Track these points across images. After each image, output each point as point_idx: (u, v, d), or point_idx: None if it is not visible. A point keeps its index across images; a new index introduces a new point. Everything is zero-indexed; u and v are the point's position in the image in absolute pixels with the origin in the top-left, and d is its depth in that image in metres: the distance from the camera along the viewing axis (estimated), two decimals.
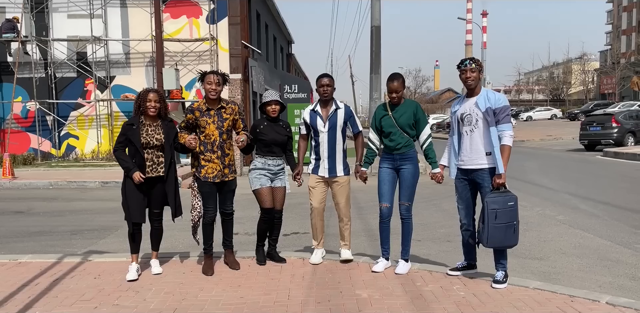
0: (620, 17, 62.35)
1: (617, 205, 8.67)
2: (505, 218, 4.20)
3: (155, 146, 4.68)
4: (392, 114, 4.75)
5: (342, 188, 5.02)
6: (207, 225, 4.88)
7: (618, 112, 22.42)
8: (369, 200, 5.06)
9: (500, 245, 4.27)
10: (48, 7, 16.79)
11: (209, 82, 4.73)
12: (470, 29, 75.14)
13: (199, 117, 4.75)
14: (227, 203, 4.93)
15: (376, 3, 16.41)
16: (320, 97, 5.00)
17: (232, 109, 4.88)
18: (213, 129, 4.74)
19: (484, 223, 4.19)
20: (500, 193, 4.25)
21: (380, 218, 4.85)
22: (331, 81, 4.97)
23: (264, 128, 5.02)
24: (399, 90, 4.68)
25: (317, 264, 5.05)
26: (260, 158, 5.06)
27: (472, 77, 4.33)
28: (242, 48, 16.47)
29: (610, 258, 5.66)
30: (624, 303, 3.85)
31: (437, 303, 3.96)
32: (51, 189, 12.14)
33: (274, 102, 5.03)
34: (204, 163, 4.78)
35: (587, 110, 38.81)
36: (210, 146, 4.77)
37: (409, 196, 4.77)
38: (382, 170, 4.86)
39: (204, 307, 3.96)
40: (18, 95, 16.76)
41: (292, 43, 32.43)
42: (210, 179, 4.78)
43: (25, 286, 4.53)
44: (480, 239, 4.29)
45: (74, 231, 7.46)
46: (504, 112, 4.27)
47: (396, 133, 4.73)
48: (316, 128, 4.96)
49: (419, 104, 4.89)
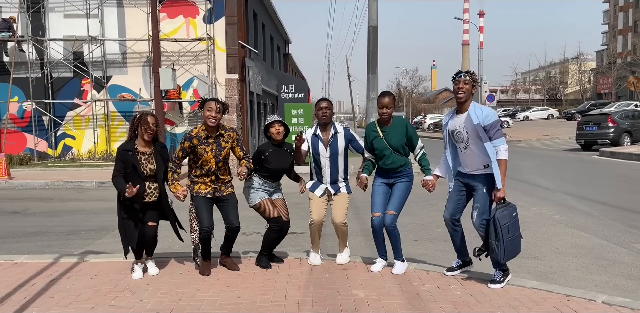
0: (616, 17, 62.54)
1: (614, 204, 8.69)
2: (514, 229, 4.23)
3: (149, 175, 4.66)
4: (383, 136, 4.77)
5: (342, 202, 5.00)
6: (204, 240, 4.79)
7: (614, 112, 22.49)
8: (366, 200, 5.06)
9: (514, 256, 4.28)
10: (44, 6, 16.75)
11: (209, 109, 4.64)
12: (467, 29, 75.35)
13: (197, 145, 4.68)
14: (230, 218, 4.80)
15: (373, 3, 16.42)
16: (319, 121, 5.00)
17: (230, 136, 4.81)
18: (210, 157, 4.69)
19: (499, 240, 4.15)
20: (504, 206, 4.24)
21: (373, 227, 4.85)
22: (330, 105, 4.97)
23: (269, 154, 4.97)
24: (390, 106, 4.72)
25: (318, 265, 5.05)
26: (258, 179, 5.01)
27: (464, 89, 4.29)
28: (239, 48, 16.45)
29: (606, 257, 5.68)
30: (620, 302, 3.86)
31: (434, 303, 3.96)
32: (47, 190, 12.11)
33: (277, 123, 4.99)
34: (197, 182, 4.77)
35: (584, 110, 38.94)
36: (205, 171, 4.73)
37: (397, 206, 4.76)
38: (377, 184, 4.90)
39: (201, 307, 3.96)
40: (14, 95, 16.71)
41: (289, 43, 32.42)
42: (202, 194, 4.75)
43: (22, 286, 4.52)
44: (496, 257, 4.24)
45: (71, 232, 7.44)
46: (495, 127, 4.25)
47: (390, 155, 4.75)
48: (318, 153, 4.95)
49: (408, 122, 4.93)
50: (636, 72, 43.81)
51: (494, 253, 4.22)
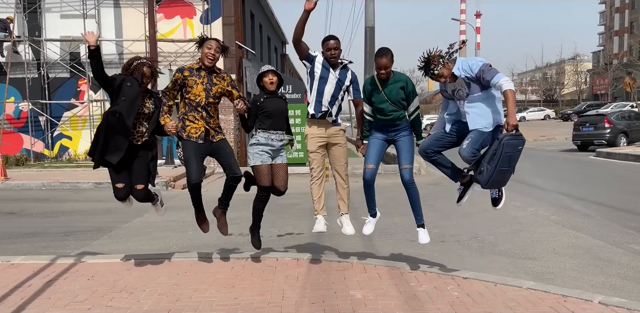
0: (612, 18, 62.74)
1: (610, 205, 8.71)
2: (512, 162, 4.07)
3: (144, 114, 4.52)
4: (382, 89, 4.64)
5: (342, 150, 4.94)
6: (192, 190, 4.65)
7: (611, 112, 22.55)
8: (362, 201, 5.06)
9: (496, 187, 4.12)
10: (41, 7, 16.72)
11: (209, 46, 4.54)
12: (464, 29, 75.35)
13: (188, 76, 4.58)
14: (233, 168, 4.69)
15: (370, 4, 16.43)
16: (327, 61, 4.83)
17: (224, 78, 4.70)
18: (200, 90, 4.57)
19: (492, 165, 3.99)
20: (515, 136, 4.07)
21: (364, 182, 4.78)
22: (338, 44, 4.79)
23: (264, 101, 4.87)
24: (388, 66, 4.57)
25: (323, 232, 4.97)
26: (262, 133, 4.88)
27: (444, 77, 4.28)
28: (236, 48, 16.46)
29: (603, 258, 5.69)
30: (617, 302, 3.87)
31: (431, 304, 3.97)
32: (44, 190, 12.08)
33: (271, 73, 4.89)
34: (187, 123, 4.64)
35: (580, 111, 39.02)
36: (195, 105, 4.61)
37: (411, 160, 4.68)
38: (373, 138, 4.80)
39: (198, 308, 3.95)
40: (10, 95, 16.66)
41: (286, 43, 32.40)
42: (193, 139, 4.60)
43: (18, 287, 4.50)
44: (479, 180, 4.06)
45: (67, 233, 7.42)
46: (485, 70, 4.15)
47: (389, 108, 4.65)
48: (326, 76, 4.79)
49: (409, 78, 4.79)
50: (632, 73, 43.97)
51: (481, 175, 4.04)
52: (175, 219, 7.86)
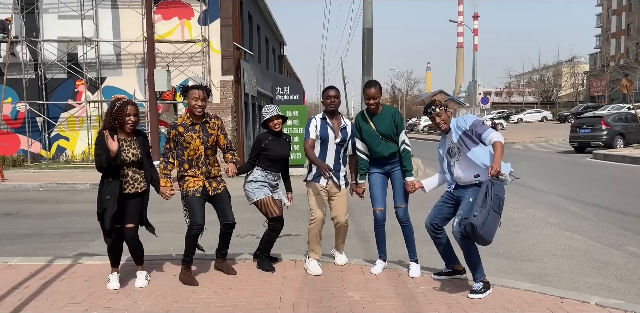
0: (609, 21, 62.94)
1: (607, 206, 8.74)
2: (500, 208, 4.06)
3: (132, 162, 4.41)
4: (372, 123, 4.74)
5: (342, 199, 4.93)
6: (190, 238, 4.60)
7: (607, 114, 22.61)
8: (360, 202, 5.07)
9: (488, 236, 3.98)
10: (38, 7, 16.70)
11: (194, 98, 4.51)
12: (462, 31, 75.56)
13: (183, 132, 4.56)
14: (227, 214, 4.68)
15: (368, 5, 16.44)
16: (326, 109, 4.92)
17: (216, 124, 4.72)
18: (198, 145, 4.58)
19: (485, 208, 3.96)
20: (500, 181, 4.11)
21: (375, 222, 4.85)
22: (337, 93, 4.91)
23: (269, 143, 4.95)
24: (377, 96, 4.69)
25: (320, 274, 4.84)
26: (261, 171, 4.96)
27: (442, 121, 4.36)
28: (234, 50, 16.45)
29: (599, 259, 5.71)
30: (613, 304, 3.89)
31: (428, 305, 3.97)
32: (41, 191, 12.06)
33: (276, 118, 4.98)
34: (187, 178, 4.64)
35: (577, 112, 39.14)
36: (195, 162, 4.62)
37: (405, 197, 4.77)
38: (373, 175, 4.85)
39: (196, 310, 3.95)
40: (7, 96, 16.65)
41: (284, 45, 32.43)
42: (190, 193, 4.60)
43: (15, 289, 4.50)
44: (474, 223, 3.93)
45: (64, 234, 7.41)
46: (477, 125, 4.26)
47: (380, 143, 4.72)
48: (327, 138, 4.84)
49: (397, 110, 4.89)
50: (629, 75, 44.13)
51: (475, 217, 3.92)
52: (172, 220, 7.85)
